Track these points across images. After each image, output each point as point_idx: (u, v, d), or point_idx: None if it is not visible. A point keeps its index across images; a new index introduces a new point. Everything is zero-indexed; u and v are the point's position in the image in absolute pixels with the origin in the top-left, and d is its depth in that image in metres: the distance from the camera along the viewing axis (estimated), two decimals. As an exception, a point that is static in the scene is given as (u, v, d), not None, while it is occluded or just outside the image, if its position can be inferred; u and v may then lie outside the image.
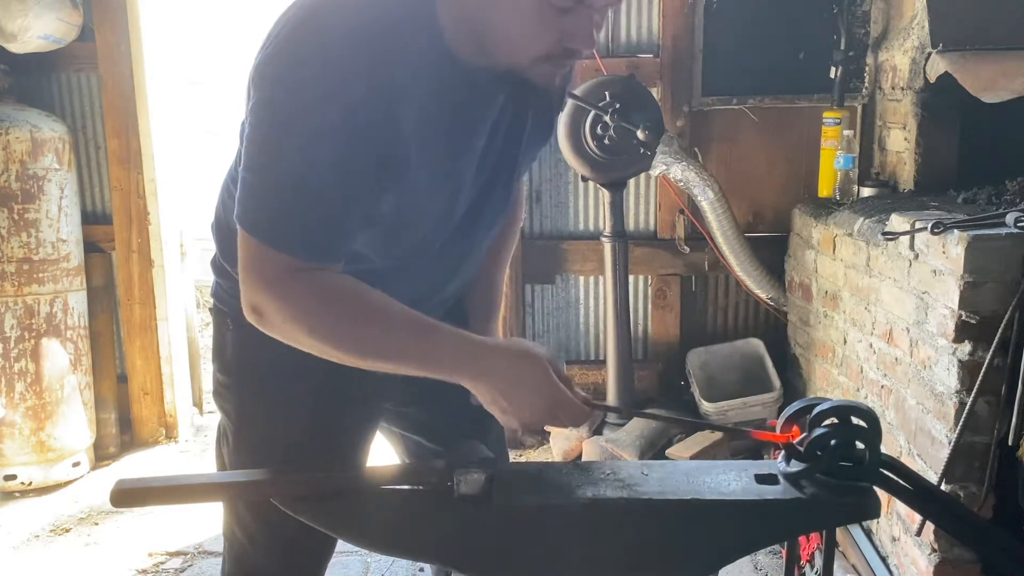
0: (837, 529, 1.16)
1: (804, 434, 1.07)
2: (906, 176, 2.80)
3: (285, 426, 1.30)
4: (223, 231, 1.34)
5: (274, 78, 1.06)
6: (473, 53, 1.10)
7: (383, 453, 1.49)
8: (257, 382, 1.33)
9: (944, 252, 1.86)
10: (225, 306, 1.35)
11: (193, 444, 3.47)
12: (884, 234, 2.12)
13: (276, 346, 1.28)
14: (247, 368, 1.33)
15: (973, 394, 1.78)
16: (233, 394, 1.35)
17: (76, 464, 3.16)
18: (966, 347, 1.81)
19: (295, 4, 1.10)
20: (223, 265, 1.35)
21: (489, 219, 1.30)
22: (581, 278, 3.38)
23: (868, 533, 2.32)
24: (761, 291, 3.18)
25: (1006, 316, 1.75)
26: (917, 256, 2.00)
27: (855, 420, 1.06)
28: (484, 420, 1.52)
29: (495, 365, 1.12)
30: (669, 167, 2.96)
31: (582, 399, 1.15)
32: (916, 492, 1.10)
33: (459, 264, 1.34)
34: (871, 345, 2.35)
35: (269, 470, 1.19)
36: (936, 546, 1.91)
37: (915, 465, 2.00)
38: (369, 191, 1.10)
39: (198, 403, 3.66)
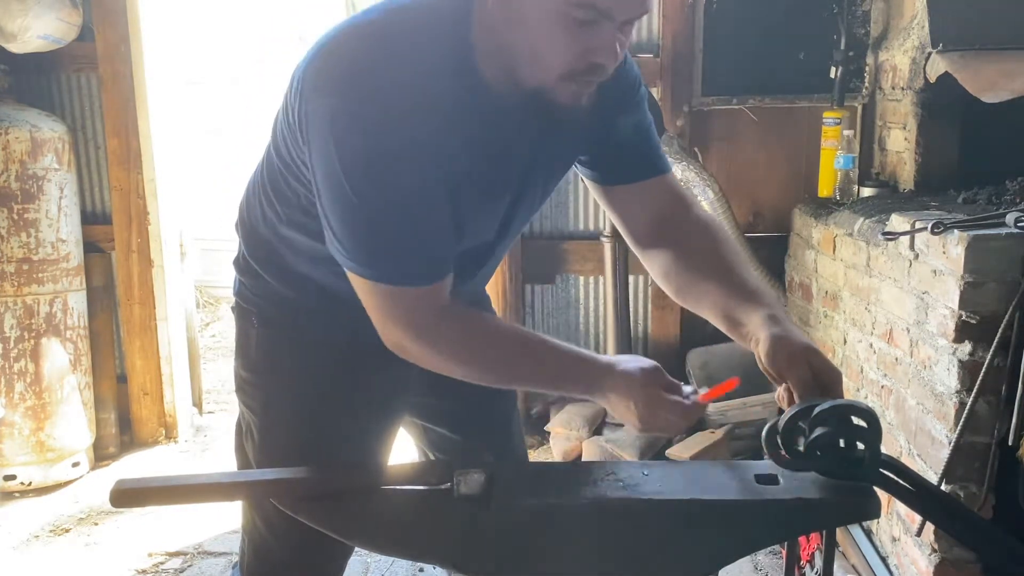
0: (837, 529, 1.16)
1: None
2: (906, 176, 2.80)
3: (311, 423, 1.32)
4: (248, 230, 1.36)
5: (332, 122, 1.07)
6: (506, 84, 1.12)
7: (397, 451, 1.49)
8: (283, 380, 1.35)
9: (944, 252, 1.86)
10: (249, 304, 1.37)
11: (193, 444, 3.47)
12: (884, 234, 2.11)
13: (302, 345, 1.31)
14: (272, 366, 1.36)
15: (973, 394, 1.78)
16: (259, 391, 1.37)
17: (76, 464, 3.16)
18: (966, 347, 1.81)
19: (321, 46, 1.12)
20: (247, 263, 1.37)
21: (513, 235, 1.34)
22: (581, 278, 3.38)
23: (868, 533, 2.32)
24: (761, 291, 3.18)
25: (1006, 316, 1.75)
26: (917, 256, 2.00)
27: (855, 420, 1.06)
28: (507, 411, 1.55)
29: (603, 383, 1.17)
30: (669, 167, 2.95)
31: (686, 395, 1.18)
32: (916, 492, 1.09)
33: (480, 270, 1.38)
34: (871, 345, 2.35)
35: (268, 470, 1.19)
36: (936, 546, 1.91)
37: (915, 465, 2.00)
38: (447, 209, 1.15)
39: (198, 403, 3.66)
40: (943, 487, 1.84)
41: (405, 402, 1.44)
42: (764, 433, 1.08)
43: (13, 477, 3.04)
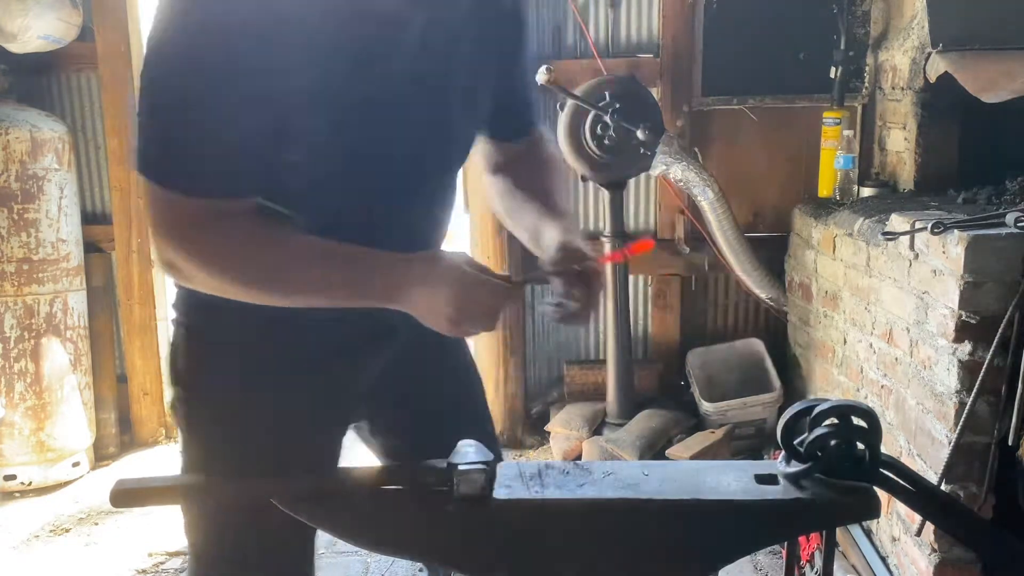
0: (837, 529, 1.16)
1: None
2: (906, 176, 2.80)
3: (230, 445, 1.24)
4: None
5: (156, 17, 1.02)
6: None
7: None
8: (206, 397, 1.26)
9: (944, 252, 1.86)
10: (180, 314, 1.30)
11: (193, 444, 3.46)
12: (884, 234, 2.12)
13: (228, 360, 1.23)
14: (196, 381, 1.27)
15: (973, 394, 1.78)
16: (183, 405, 1.29)
17: (76, 464, 3.16)
18: (966, 347, 1.81)
19: None
20: None
21: (447, 144, 1.24)
22: (581, 278, 3.37)
23: (868, 533, 2.32)
24: (761, 291, 3.18)
25: (1006, 316, 1.75)
26: (917, 256, 2.00)
27: (855, 420, 1.06)
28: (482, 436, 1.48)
29: (406, 276, 1.09)
30: (669, 167, 2.96)
31: (501, 277, 1.12)
32: (916, 492, 1.09)
33: (429, 203, 1.27)
34: (871, 345, 2.35)
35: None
36: (936, 546, 1.91)
37: (915, 465, 2.00)
38: (266, 119, 1.03)
39: (198, 403, 3.66)
40: (943, 487, 1.84)
41: (343, 420, 1.34)
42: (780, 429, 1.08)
43: (13, 477, 3.04)
